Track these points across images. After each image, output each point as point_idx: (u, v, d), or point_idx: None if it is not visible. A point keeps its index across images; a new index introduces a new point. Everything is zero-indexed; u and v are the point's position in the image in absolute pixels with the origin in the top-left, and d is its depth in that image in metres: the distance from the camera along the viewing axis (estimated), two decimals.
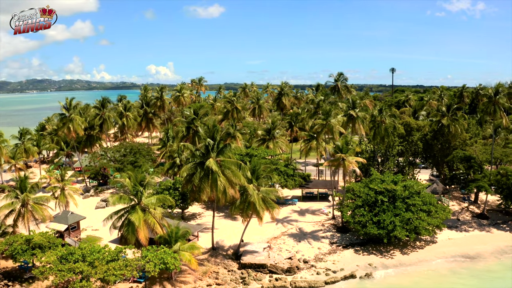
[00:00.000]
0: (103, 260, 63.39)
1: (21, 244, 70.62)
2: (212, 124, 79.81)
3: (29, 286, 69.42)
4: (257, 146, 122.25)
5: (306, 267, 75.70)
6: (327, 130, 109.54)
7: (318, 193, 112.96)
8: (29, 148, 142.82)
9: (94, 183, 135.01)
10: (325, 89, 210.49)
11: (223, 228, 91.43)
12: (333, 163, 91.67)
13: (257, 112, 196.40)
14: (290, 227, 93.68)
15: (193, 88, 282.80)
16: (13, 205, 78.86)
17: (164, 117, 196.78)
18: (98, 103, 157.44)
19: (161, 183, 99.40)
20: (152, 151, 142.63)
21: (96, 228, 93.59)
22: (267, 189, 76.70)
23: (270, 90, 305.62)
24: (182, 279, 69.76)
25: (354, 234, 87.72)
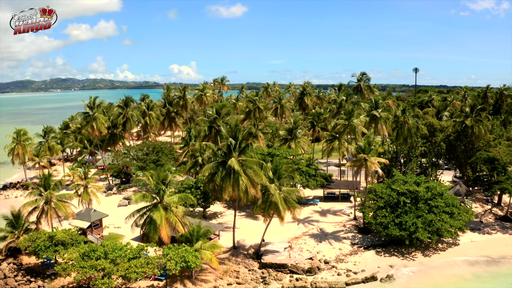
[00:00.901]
0: (125, 257, 63.95)
1: (44, 240, 71.53)
2: (234, 123, 79.94)
3: (51, 282, 70.20)
4: (279, 146, 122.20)
5: (326, 267, 75.42)
6: (350, 130, 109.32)
7: (339, 194, 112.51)
8: (53, 146, 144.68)
9: (116, 181, 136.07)
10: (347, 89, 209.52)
11: (244, 228, 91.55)
12: (355, 163, 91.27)
13: (279, 112, 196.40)
14: (311, 227, 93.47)
15: (215, 87, 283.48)
16: (36, 202, 79.95)
17: (186, 116, 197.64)
18: (121, 102, 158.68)
19: (183, 182, 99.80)
20: (175, 150, 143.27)
21: (118, 226, 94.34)
22: (289, 189, 76.58)
23: (292, 89, 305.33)
24: (202, 277, 70.00)
25: (375, 235, 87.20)
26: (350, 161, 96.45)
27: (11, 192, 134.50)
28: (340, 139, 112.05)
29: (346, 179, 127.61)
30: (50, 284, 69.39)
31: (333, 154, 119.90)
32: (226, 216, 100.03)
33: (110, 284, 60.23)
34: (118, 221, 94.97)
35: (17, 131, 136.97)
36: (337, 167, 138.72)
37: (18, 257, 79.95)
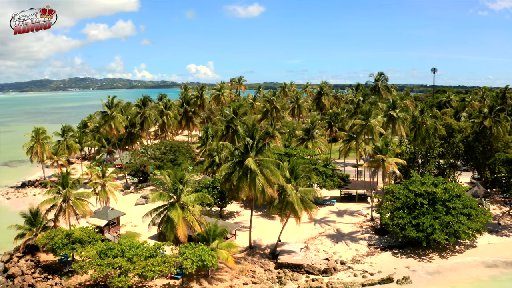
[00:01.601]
0: (142, 256, 64.28)
1: (61, 238, 72.15)
2: (251, 123, 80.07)
3: (68, 279, 70.74)
4: (296, 146, 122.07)
5: (343, 268, 75.16)
6: (367, 131, 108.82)
7: (356, 194, 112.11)
8: (71, 145, 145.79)
9: (134, 180, 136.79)
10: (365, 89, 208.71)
11: (260, 227, 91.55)
12: (373, 164, 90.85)
13: (296, 112, 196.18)
14: (328, 227, 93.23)
15: (232, 87, 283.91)
16: (54, 200, 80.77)
17: (203, 116, 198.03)
18: (139, 102, 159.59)
19: (200, 181, 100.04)
20: (192, 149, 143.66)
21: (135, 224, 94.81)
22: (306, 189, 76.47)
23: (310, 89, 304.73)
24: (219, 276, 70.12)
25: (392, 236, 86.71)
26: (368, 161, 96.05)
27: (30, 190, 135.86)
28: (358, 139, 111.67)
29: (363, 179, 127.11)
30: (67, 282, 69.92)
31: (350, 154, 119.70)
32: (243, 216, 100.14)
33: (127, 282, 60.62)
34: (135, 219, 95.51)
35: (35, 129, 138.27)
36: (354, 168, 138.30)
37: (35, 254, 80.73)
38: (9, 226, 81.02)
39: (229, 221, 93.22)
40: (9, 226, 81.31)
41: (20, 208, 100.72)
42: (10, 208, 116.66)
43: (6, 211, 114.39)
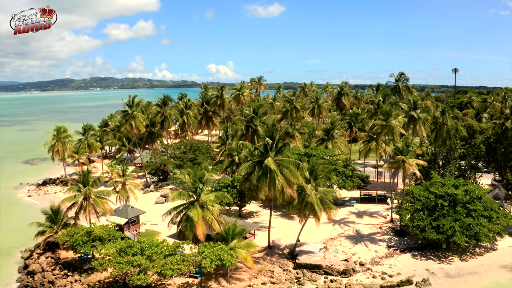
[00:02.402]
0: (161, 254, 64.59)
1: (82, 236, 72.80)
2: (271, 123, 79.96)
3: (87, 277, 71.33)
4: (316, 146, 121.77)
5: (362, 270, 74.82)
6: (387, 131, 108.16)
7: (376, 195, 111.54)
8: (92, 144, 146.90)
9: (154, 179, 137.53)
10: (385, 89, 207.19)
11: (279, 227, 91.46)
12: (393, 165, 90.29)
13: (316, 112, 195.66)
14: (347, 228, 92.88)
15: (252, 87, 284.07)
16: (75, 198, 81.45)
17: (223, 116, 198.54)
18: (160, 101, 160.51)
19: (219, 180, 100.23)
20: (212, 149, 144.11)
21: (155, 223, 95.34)
22: (325, 189, 76.27)
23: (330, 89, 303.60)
24: (237, 276, 70.20)
25: (412, 238, 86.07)
26: (388, 162, 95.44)
27: (51, 187, 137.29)
28: (378, 140, 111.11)
29: (383, 180, 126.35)
30: (87, 279, 70.50)
31: (370, 155, 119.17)
32: (262, 216, 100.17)
33: (146, 280, 60.98)
34: (155, 218, 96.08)
35: (57, 128, 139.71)
36: (374, 168, 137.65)
37: (56, 252, 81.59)
38: (30, 223, 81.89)
39: (248, 221, 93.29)
40: (30, 223, 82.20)
41: (41, 205, 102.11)
42: (31, 206, 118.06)
43: (27, 209, 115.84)
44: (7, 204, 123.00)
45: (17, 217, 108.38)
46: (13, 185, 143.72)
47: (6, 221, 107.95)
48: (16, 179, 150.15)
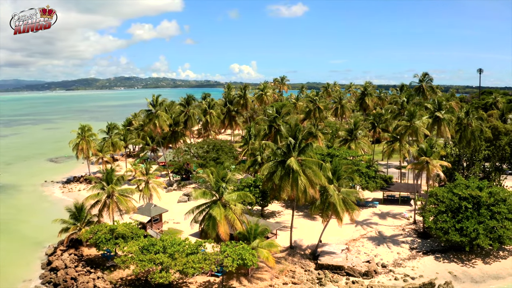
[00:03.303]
0: (183, 252, 64.82)
1: (105, 233, 73.50)
2: (294, 123, 79.95)
3: (110, 274, 71.93)
4: (339, 147, 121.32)
5: (384, 271, 74.37)
6: (411, 132, 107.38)
7: (399, 197, 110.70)
8: (116, 142, 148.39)
9: (177, 178, 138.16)
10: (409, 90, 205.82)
11: (301, 228, 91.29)
12: (417, 166, 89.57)
13: (340, 112, 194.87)
14: (370, 230, 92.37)
15: (275, 87, 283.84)
16: (99, 196, 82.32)
17: (246, 115, 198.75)
18: (183, 101, 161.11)
19: (242, 180, 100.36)
20: (234, 148, 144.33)
21: (177, 221, 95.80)
22: (348, 190, 75.95)
23: (353, 90, 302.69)
24: (258, 275, 70.25)
25: (435, 240, 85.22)
26: (411, 163, 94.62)
27: (75, 185, 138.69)
28: (401, 140, 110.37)
29: (406, 181, 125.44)
30: (109, 276, 71.10)
31: (393, 156, 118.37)
32: (284, 216, 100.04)
33: (168, 278, 61.24)
34: (178, 216, 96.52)
35: (81, 126, 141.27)
36: (397, 169, 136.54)
37: (79, 248, 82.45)
38: (54, 220, 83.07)
39: (270, 221, 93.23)
40: (54, 220, 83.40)
41: (65, 203, 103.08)
42: (55, 203, 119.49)
43: (52, 206, 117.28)
44: (32, 201, 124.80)
45: (42, 214, 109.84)
46: (38, 182, 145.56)
47: (31, 218, 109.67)
48: (41, 177, 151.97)
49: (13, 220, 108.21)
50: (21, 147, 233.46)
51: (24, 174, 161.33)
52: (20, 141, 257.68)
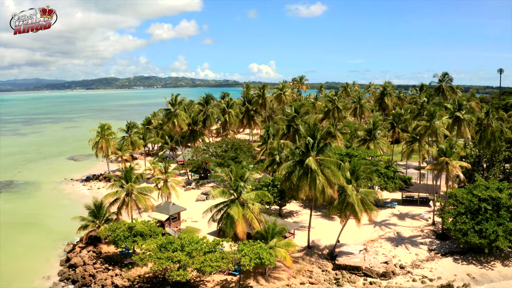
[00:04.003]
0: (201, 251, 64.98)
1: (123, 231, 74.05)
2: (312, 122, 79.76)
3: (128, 271, 72.47)
4: (358, 147, 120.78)
5: (402, 273, 73.85)
6: (431, 132, 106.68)
7: (418, 197, 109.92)
8: (135, 141, 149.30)
9: (195, 177, 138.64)
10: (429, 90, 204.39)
11: (319, 228, 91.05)
12: (436, 166, 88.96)
13: (359, 112, 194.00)
14: (388, 230, 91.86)
15: (294, 86, 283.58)
16: (118, 193, 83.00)
17: (265, 115, 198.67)
18: (202, 100, 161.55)
19: (260, 179, 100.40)
20: (253, 147, 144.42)
21: (195, 220, 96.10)
22: (366, 190, 75.60)
23: (372, 89, 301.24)
24: (276, 275, 70.22)
25: (454, 242, 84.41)
26: (431, 164, 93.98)
27: (94, 183, 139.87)
28: (421, 141, 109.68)
29: (425, 182, 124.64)
30: (127, 273, 71.61)
31: (413, 156, 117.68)
32: (302, 215, 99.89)
33: (185, 276, 61.45)
34: (196, 215, 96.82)
35: (101, 125, 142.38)
36: (416, 170, 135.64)
37: (97, 246, 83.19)
38: (73, 218, 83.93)
39: (288, 220, 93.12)
40: (73, 217, 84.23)
41: (84, 200, 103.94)
42: (74, 201, 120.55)
43: (71, 203, 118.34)
44: (51, 199, 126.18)
45: (61, 212, 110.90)
46: (58, 180, 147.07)
47: (50, 215, 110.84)
48: (61, 175, 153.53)
49: (32, 217, 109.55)
50: (41, 145, 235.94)
51: (44, 171, 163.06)
52: (40, 140, 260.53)
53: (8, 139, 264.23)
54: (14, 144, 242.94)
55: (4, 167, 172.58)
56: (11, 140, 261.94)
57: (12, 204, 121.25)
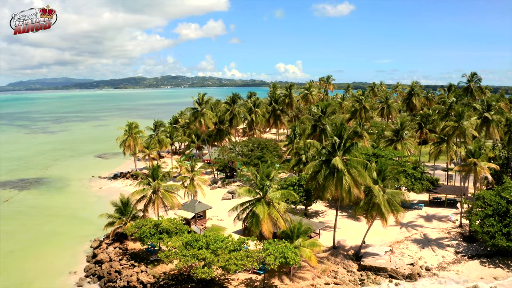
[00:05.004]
0: (226, 249, 65.26)
1: (149, 228, 74.72)
2: (339, 122, 79.48)
3: (153, 268, 73.07)
4: (385, 147, 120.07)
5: (427, 275, 73.10)
6: (459, 133, 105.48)
7: (446, 199, 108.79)
8: (163, 140, 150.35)
9: (221, 175, 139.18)
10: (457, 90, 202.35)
11: (345, 228, 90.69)
12: (464, 168, 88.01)
13: (386, 112, 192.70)
14: (414, 232, 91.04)
15: (321, 86, 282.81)
16: (145, 191, 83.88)
17: (291, 114, 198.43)
18: (229, 99, 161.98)
19: (286, 179, 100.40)
20: (279, 147, 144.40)
21: (221, 218, 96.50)
22: (393, 191, 75.09)
23: (400, 89, 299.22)
24: (300, 274, 70.17)
25: (481, 244, 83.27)
26: (458, 165, 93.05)
27: (121, 181, 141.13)
28: (449, 142, 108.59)
29: (453, 184, 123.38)
30: (153, 270, 72.20)
31: (440, 157, 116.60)
32: (327, 216, 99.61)
33: (210, 274, 61.73)
34: (221, 213, 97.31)
35: (129, 124, 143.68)
36: (444, 171, 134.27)
37: (124, 242, 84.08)
38: (100, 215, 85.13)
39: (314, 220, 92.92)
40: (100, 214, 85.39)
41: (111, 197, 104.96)
42: (102, 198, 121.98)
43: (98, 200, 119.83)
44: (79, 196, 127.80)
45: (88, 208, 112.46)
46: (86, 177, 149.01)
47: (78, 211, 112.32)
48: (89, 172, 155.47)
49: (60, 214, 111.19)
50: (70, 143, 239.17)
51: (73, 169, 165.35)
52: (69, 138, 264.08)
53: (38, 137, 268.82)
54: (43, 141, 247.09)
55: (33, 164, 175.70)
56: (41, 138, 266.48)
57: (40, 201, 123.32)
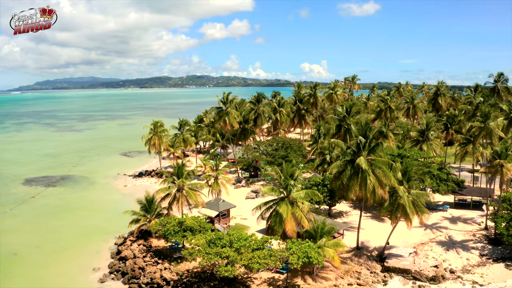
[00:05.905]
0: (249, 248, 65.40)
1: (173, 226, 75.31)
2: (364, 122, 79.08)
3: (177, 265, 73.64)
4: (410, 147, 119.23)
5: (452, 277, 72.34)
6: (485, 134, 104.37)
7: (471, 201, 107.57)
8: (187, 138, 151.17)
9: (246, 174, 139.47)
10: (484, 90, 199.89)
11: (369, 229, 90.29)
12: (490, 169, 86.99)
13: (411, 112, 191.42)
14: (439, 234, 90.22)
15: (346, 86, 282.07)
16: (169, 189, 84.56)
17: (316, 114, 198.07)
18: (253, 99, 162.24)
19: (310, 178, 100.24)
20: (303, 147, 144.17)
21: (244, 217, 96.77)
22: (418, 192, 74.55)
23: (426, 90, 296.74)
24: (323, 275, 70.01)
25: (506, 247, 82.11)
26: (485, 166, 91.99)
27: (146, 179, 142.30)
28: (475, 143, 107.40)
29: (479, 185, 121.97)
30: (176, 267, 72.74)
31: (466, 158, 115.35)
32: (351, 216, 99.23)
33: (233, 272, 61.97)
34: (245, 212, 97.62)
35: (154, 122, 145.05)
36: (470, 173, 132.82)
37: (148, 240, 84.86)
38: (125, 212, 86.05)
39: (337, 220, 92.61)
40: (125, 211, 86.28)
41: (136, 195, 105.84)
42: (127, 195, 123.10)
43: (123, 198, 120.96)
44: (104, 193, 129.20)
45: (113, 206, 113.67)
46: (111, 175, 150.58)
47: (103, 208, 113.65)
48: (114, 170, 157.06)
49: (85, 211, 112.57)
50: (96, 141, 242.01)
51: (98, 167, 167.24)
52: (94, 136, 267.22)
53: (65, 135, 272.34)
54: (70, 140, 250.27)
55: (59, 161, 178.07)
56: (68, 136, 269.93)
57: (67, 198, 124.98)
